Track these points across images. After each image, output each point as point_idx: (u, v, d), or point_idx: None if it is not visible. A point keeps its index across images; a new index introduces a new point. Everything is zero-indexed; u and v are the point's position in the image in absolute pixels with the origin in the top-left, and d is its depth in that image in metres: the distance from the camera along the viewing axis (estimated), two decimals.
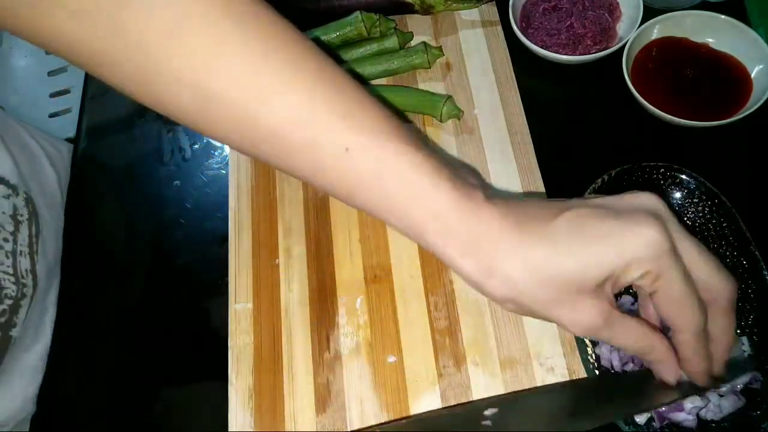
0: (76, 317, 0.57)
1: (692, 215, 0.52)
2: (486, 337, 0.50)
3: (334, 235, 0.55)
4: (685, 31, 0.59)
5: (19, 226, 0.54)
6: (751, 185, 0.55)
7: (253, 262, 0.55)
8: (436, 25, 0.65)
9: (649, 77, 0.58)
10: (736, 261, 0.49)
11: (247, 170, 0.59)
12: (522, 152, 0.57)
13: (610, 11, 0.62)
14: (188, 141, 0.64)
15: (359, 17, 0.60)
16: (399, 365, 0.49)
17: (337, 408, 0.48)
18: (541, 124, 0.58)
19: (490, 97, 0.60)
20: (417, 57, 0.61)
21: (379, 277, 0.53)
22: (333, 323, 0.51)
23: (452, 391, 0.48)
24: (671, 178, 0.52)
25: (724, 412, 0.44)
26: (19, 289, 0.52)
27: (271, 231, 0.56)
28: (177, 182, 0.62)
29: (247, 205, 0.57)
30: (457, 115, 0.58)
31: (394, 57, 0.61)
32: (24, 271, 0.53)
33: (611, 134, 0.59)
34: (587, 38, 0.61)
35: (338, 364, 0.50)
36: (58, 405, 0.53)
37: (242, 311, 0.53)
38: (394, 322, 0.51)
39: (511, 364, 0.48)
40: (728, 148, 0.57)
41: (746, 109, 0.54)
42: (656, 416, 0.44)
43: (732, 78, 0.57)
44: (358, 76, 0.60)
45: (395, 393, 0.48)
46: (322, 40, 0.61)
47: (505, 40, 0.63)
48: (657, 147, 0.57)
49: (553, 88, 0.62)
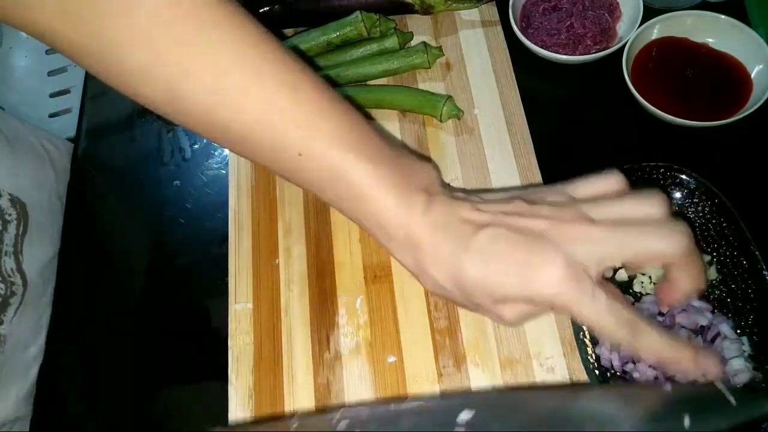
0: (76, 317, 0.57)
1: (692, 215, 0.52)
2: (486, 337, 0.50)
3: (334, 235, 0.55)
4: (685, 31, 0.59)
5: (7, 225, 0.54)
6: (751, 185, 0.55)
7: (253, 262, 0.55)
8: (436, 25, 0.65)
9: (649, 77, 0.58)
10: (736, 261, 0.49)
11: (247, 170, 0.59)
12: (522, 152, 0.57)
13: (610, 11, 0.62)
14: (188, 141, 0.64)
15: (359, 17, 0.60)
16: (399, 365, 0.49)
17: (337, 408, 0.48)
18: (541, 124, 0.58)
19: (490, 97, 0.60)
20: (417, 57, 0.61)
21: (379, 277, 0.53)
22: (333, 323, 0.51)
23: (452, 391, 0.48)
24: (671, 178, 0.52)
25: None
26: (7, 287, 0.53)
27: (271, 231, 0.56)
28: (177, 182, 0.62)
29: (247, 205, 0.57)
30: (457, 115, 0.58)
31: (394, 57, 0.61)
32: (10, 270, 0.53)
33: (611, 134, 0.59)
34: (587, 38, 0.61)
35: (338, 364, 0.50)
36: (58, 405, 0.53)
37: (242, 311, 0.53)
38: (394, 322, 0.51)
39: (511, 364, 0.48)
40: (728, 148, 0.57)
41: (746, 109, 0.54)
42: None
43: (732, 78, 0.57)
44: (331, 79, 0.61)
45: (395, 393, 0.48)
46: (300, 48, 0.61)
47: (505, 40, 0.63)
48: (657, 147, 0.57)
49: (553, 88, 0.62)
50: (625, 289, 0.51)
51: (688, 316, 0.47)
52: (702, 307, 0.48)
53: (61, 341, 0.56)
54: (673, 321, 0.47)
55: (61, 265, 0.59)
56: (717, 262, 0.50)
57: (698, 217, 0.52)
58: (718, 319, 0.47)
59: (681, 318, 0.47)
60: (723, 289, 0.49)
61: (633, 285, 0.51)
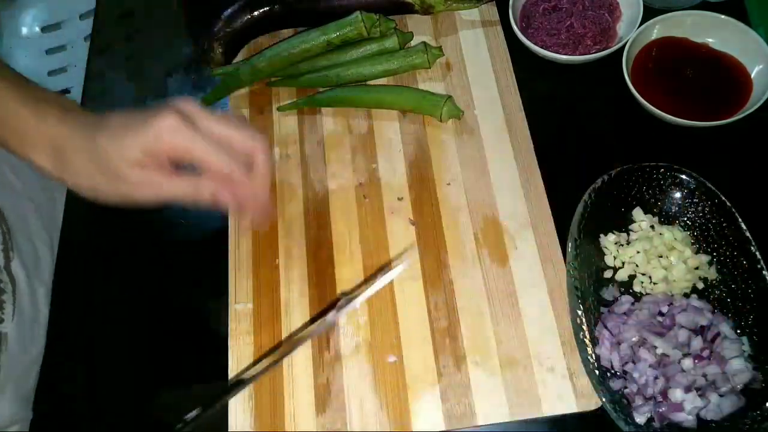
0: (75, 317, 0.56)
1: (692, 215, 0.52)
2: (486, 337, 0.50)
3: (334, 235, 0.55)
4: (685, 31, 0.59)
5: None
6: (751, 185, 0.55)
7: (253, 262, 0.55)
8: (436, 25, 0.65)
9: (649, 77, 0.58)
10: (736, 261, 0.49)
11: None
12: (522, 152, 0.57)
13: (610, 11, 0.62)
14: None
15: (359, 17, 0.60)
16: (399, 365, 0.49)
17: (337, 408, 0.48)
18: (541, 124, 0.58)
19: (490, 97, 0.60)
20: (417, 57, 0.61)
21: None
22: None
23: (452, 391, 0.48)
24: (671, 178, 0.52)
25: (724, 412, 0.44)
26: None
27: (271, 231, 0.56)
28: None
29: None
30: (458, 115, 0.58)
31: (394, 57, 0.61)
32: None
33: (611, 134, 0.59)
34: (587, 38, 0.61)
35: (338, 364, 0.50)
36: (58, 406, 0.53)
37: (242, 311, 0.53)
38: (394, 322, 0.51)
39: (511, 364, 0.48)
40: (728, 148, 0.57)
41: (746, 109, 0.54)
42: (656, 416, 0.44)
43: (732, 78, 0.57)
44: (331, 79, 0.62)
45: (395, 393, 0.48)
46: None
47: (505, 40, 0.63)
48: (657, 147, 0.57)
49: (553, 88, 0.62)
50: (626, 289, 0.51)
51: (688, 316, 0.47)
52: (702, 307, 0.48)
53: (60, 342, 0.55)
54: (673, 321, 0.47)
55: (60, 265, 0.59)
56: (717, 262, 0.50)
57: (698, 217, 0.52)
58: (718, 319, 0.47)
59: (681, 318, 0.47)
60: (723, 289, 0.49)
61: (633, 285, 0.51)
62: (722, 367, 0.45)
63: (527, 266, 0.52)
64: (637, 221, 0.53)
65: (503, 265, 0.52)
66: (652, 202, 0.53)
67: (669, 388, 0.44)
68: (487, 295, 0.51)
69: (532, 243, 0.53)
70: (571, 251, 0.50)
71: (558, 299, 0.50)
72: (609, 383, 0.46)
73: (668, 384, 0.45)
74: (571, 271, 0.49)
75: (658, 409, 0.44)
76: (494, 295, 0.51)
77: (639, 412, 0.45)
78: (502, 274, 0.52)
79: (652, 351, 0.46)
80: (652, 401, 0.45)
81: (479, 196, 0.56)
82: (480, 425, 0.47)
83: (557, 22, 0.62)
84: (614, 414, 0.44)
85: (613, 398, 0.45)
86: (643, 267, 0.51)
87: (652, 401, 0.45)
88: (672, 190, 0.52)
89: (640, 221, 0.52)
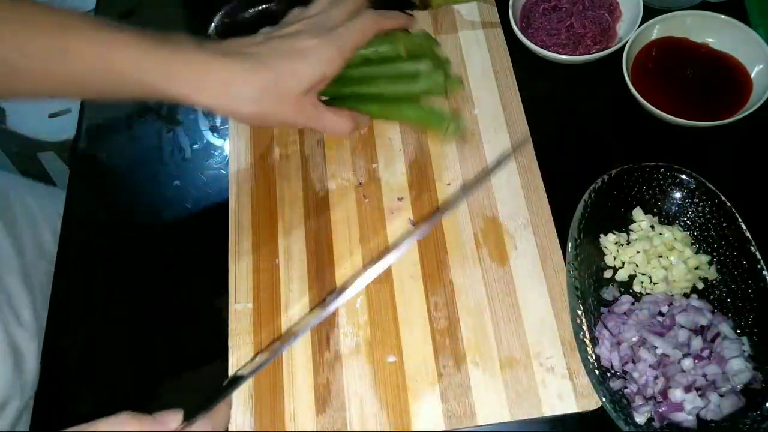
0: (75, 318, 0.57)
1: (692, 215, 0.52)
2: (486, 337, 0.50)
3: (334, 235, 0.55)
4: (685, 31, 0.59)
5: None
6: (751, 185, 0.55)
7: (253, 262, 0.55)
8: (436, 24, 0.65)
9: (649, 77, 0.58)
10: (736, 261, 0.49)
11: (247, 170, 0.59)
12: (522, 152, 0.57)
13: (610, 11, 0.63)
14: (188, 141, 0.64)
15: (399, 35, 0.53)
16: (399, 365, 0.49)
17: (337, 408, 0.48)
18: (541, 124, 0.58)
19: (490, 97, 0.60)
20: (432, 82, 0.53)
21: (379, 277, 0.52)
22: (333, 323, 0.51)
23: (452, 391, 0.48)
24: (671, 178, 0.52)
25: (724, 412, 0.44)
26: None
27: (271, 231, 0.56)
28: (177, 182, 0.62)
29: (247, 205, 0.57)
30: (462, 134, 0.57)
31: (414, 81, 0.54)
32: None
33: (611, 134, 0.59)
34: (587, 38, 0.61)
35: (338, 364, 0.50)
36: (58, 406, 0.53)
37: (242, 311, 0.53)
38: (394, 322, 0.51)
39: (511, 364, 0.48)
40: (728, 148, 0.57)
41: (746, 109, 0.54)
42: (656, 416, 0.44)
43: (732, 78, 0.57)
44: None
45: (395, 393, 0.48)
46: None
47: (505, 40, 0.63)
48: (657, 147, 0.57)
49: (553, 88, 0.62)
50: (626, 289, 0.51)
51: (688, 316, 0.47)
52: (702, 307, 0.48)
53: (58, 342, 0.55)
54: (673, 321, 0.47)
55: (60, 265, 0.59)
56: (717, 262, 0.50)
57: (698, 217, 0.52)
58: (718, 319, 0.47)
59: (681, 318, 0.47)
60: (723, 289, 0.49)
61: (633, 285, 0.51)
62: (722, 367, 0.45)
63: (527, 266, 0.52)
64: (637, 221, 0.53)
65: (503, 265, 0.52)
66: (652, 202, 0.53)
67: (669, 388, 0.44)
68: (487, 295, 0.51)
69: (532, 243, 0.53)
70: (571, 251, 0.50)
71: (558, 299, 0.50)
72: (609, 383, 0.46)
73: (668, 384, 0.45)
74: (571, 271, 0.49)
75: (658, 409, 0.44)
76: (494, 295, 0.51)
77: (639, 412, 0.45)
78: (502, 274, 0.52)
79: (652, 351, 0.46)
80: (652, 401, 0.45)
81: (479, 196, 0.56)
82: (480, 425, 0.47)
83: (557, 22, 0.62)
84: (614, 414, 0.44)
85: (613, 398, 0.45)
86: (643, 267, 0.51)
87: (652, 401, 0.45)
88: (672, 190, 0.52)
89: (640, 221, 0.52)
